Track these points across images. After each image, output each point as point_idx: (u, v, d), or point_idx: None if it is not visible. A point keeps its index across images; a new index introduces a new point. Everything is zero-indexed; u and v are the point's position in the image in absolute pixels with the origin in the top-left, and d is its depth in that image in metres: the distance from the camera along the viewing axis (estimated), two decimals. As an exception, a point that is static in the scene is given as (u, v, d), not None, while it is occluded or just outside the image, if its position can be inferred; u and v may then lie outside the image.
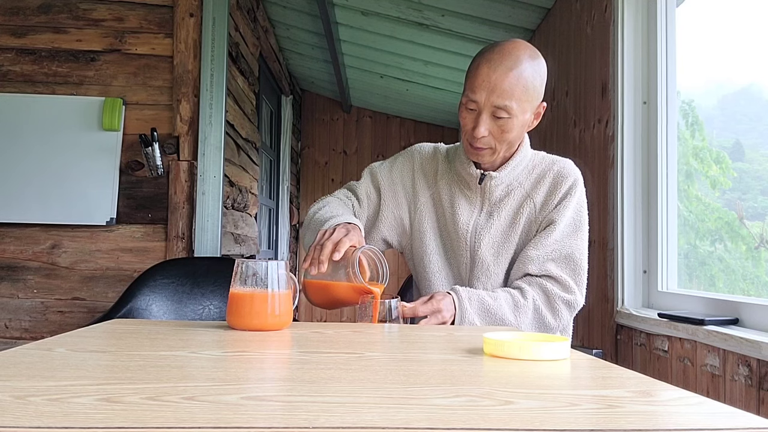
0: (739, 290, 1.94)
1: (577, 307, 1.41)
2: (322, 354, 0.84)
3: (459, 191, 1.49)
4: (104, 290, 2.73)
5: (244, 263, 1.05)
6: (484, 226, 1.46)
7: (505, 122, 1.33)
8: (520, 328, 1.34)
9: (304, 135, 6.20)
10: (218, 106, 2.78)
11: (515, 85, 1.30)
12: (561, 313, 1.38)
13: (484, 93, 1.30)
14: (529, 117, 1.37)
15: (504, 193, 1.46)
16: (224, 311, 2.13)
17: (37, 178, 2.70)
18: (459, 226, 1.47)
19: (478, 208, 1.47)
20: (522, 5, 3.06)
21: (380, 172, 1.58)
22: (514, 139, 1.37)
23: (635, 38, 2.16)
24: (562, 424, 0.52)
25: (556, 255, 1.40)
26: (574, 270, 1.41)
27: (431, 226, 1.52)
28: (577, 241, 1.42)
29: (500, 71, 1.29)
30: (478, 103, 1.32)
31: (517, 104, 1.31)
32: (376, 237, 1.55)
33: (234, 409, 0.53)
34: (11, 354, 0.77)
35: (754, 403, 1.42)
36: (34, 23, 2.80)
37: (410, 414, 0.53)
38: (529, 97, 1.33)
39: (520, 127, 1.36)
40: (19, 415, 0.49)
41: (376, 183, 1.57)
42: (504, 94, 1.30)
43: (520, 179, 1.47)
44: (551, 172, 1.45)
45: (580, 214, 1.44)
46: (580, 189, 1.46)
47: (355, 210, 1.55)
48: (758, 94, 2.03)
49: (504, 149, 1.39)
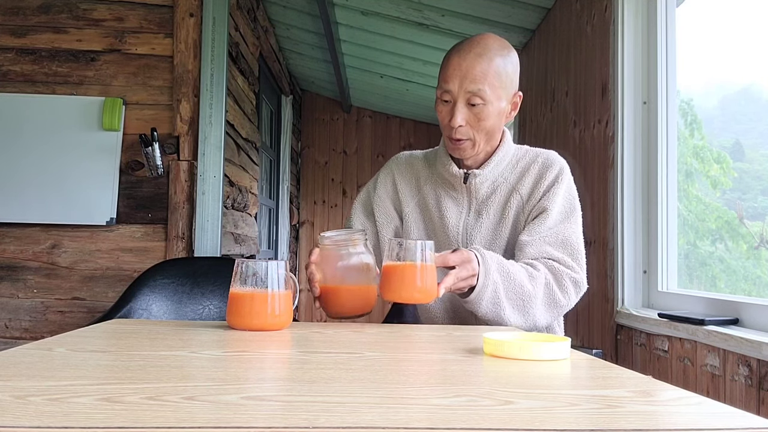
0: (741, 290, 1.94)
1: (582, 288, 1.39)
2: (322, 354, 0.84)
3: (445, 193, 1.49)
4: (104, 290, 2.73)
5: (244, 263, 1.05)
6: (473, 226, 1.45)
7: (480, 109, 1.34)
8: (536, 298, 1.32)
9: (304, 135, 6.20)
10: (218, 106, 2.78)
11: (486, 69, 1.32)
12: (569, 291, 1.36)
13: (456, 81, 1.33)
14: (505, 106, 1.38)
15: (490, 190, 1.45)
16: (224, 311, 2.13)
17: (37, 178, 2.70)
18: (449, 228, 1.47)
19: (466, 208, 1.47)
20: (522, 5, 3.06)
21: (366, 197, 1.60)
22: (491, 128, 1.38)
23: (635, 38, 2.16)
24: (562, 424, 0.52)
25: (552, 240, 1.38)
26: (573, 254, 1.39)
27: (420, 234, 1.52)
28: (573, 225, 1.41)
29: (470, 58, 1.33)
30: (452, 93, 1.34)
31: (491, 89, 1.33)
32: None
33: (234, 409, 0.53)
34: (11, 354, 0.77)
35: (754, 403, 1.42)
36: (34, 23, 2.80)
37: (410, 414, 0.53)
38: (502, 83, 1.35)
39: (496, 116, 1.36)
40: (19, 415, 0.49)
41: (368, 209, 1.58)
42: (476, 79, 1.32)
43: (505, 174, 1.46)
44: (536, 164, 1.45)
45: (570, 200, 1.43)
46: (568, 176, 1.45)
47: None
48: (758, 94, 2.03)
49: (483, 141, 1.39)
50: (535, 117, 3.29)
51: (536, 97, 3.26)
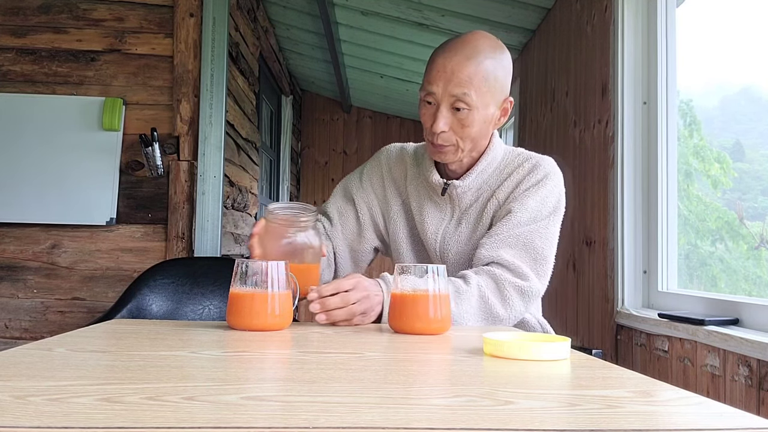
0: (741, 290, 1.94)
1: (532, 295, 1.28)
2: (322, 354, 0.84)
3: (428, 198, 1.41)
4: (104, 290, 2.73)
5: (244, 263, 1.05)
6: (452, 235, 1.38)
7: (465, 115, 1.25)
8: (462, 318, 1.21)
9: (304, 135, 6.20)
10: (218, 106, 2.78)
11: (474, 74, 1.23)
12: (512, 300, 1.25)
13: (441, 83, 1.24)
14: (494, 112, 1.29)
15: (474, 198, 1.38)
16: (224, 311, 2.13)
17: (37, 178, 2.70)
18: (428, 235, 1.39)
19: (448, 215, 1.39)
20: (522, 5, 3.06)
21: (351, 184, 1.51)
22: (477, 135, 1.29)
23: (635, 38, 2.16)
24: (562, 424, 0.52)
25: (513, 242, 1.28)
26: (534, 258, 1.29)
27: (405, 235, 1.44)
28: (541, 230, 1.30)
29: (456, 60, 1.23)
30: (435, 95, 1.25)
31: (477, 95, 1.23)
32: (367, 247, 1.49)
33: (234, 409, 0.53)
34: (11, 354, 0.77)
35: (754, 404, 1.42)
36: (34, 23, 2.80)
37: (410, 414, 0.53)
38: (490, 89, 1.25)
39: (482, 122, 1.28)
40: (19, 415, 0.49)
41: (349, 196, 1.50)
42: (462, 83, 1.23)
43: (489, 182, 1.37)
44: (521, 168, 1.35)
45: (547, 205, 1.32)
46: (552, 182, 1.34)
47: (327, 230, 1.47)
48: (758, 94, 2.03)
49: (468, 147, 1.30)
50: (535, 117, 3.29)
51: (536, 97, 3.26)
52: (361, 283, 1.15)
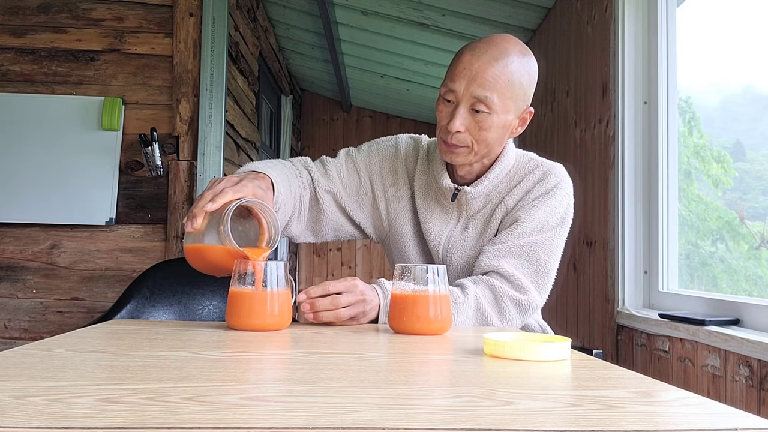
0: (742, 291, 1.94)
1: (530, 309, 1.26)
2: (322, 354, 0.84)
3: (434, 198, 1.37)
4: (103, 290, 2.73)
5: (243, 263, 1.05)
6: (458, 239, 1.35)
7: (484, 118, 1.21)
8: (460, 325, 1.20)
9: (304, 135, 6.19)
10: (218, 105, 2.78)
11: (499, 76, 1.19)
12: (509, 313, 1.24)
13: (464, 82, 1.20)
14: (513, 120, 1.26)
15: (483, 204, 1.35)
16: (224, 311, 2.13)
17: (37, 178, 2.70)
18: (432, 236, 1.36)
19: (455, 219, 1.36)
20: (522, 5, 3.06)
21: (359, 156, 1.42)
22: (493, 141, 1.25)
23: (636, 38, 2.16)
24: (563, 425, 0.52)
25: (516, 252, 1.26)
26: (536, 270, 1.27)
27: (410, 230, 1.39)
28: (546, 241, 1.28)
29: (484, 59, 1.20)
30: (456, 93, 1.21)
31: (499, 99, 1.20)
32: (351, 222, 1.41)
33: (234, 409, 0.53)
34: (11, 354, 0.77)
35: (754, 404, 1.42)
36: (34, 23, 2.80)
37: (410, 414, 0.53)
38: (513, 95, 1.22)
39: (500, 128, 1.24)
40: (19, 415, 0.49)
41: (353, 165, 1.41)
42: (486, 84, 1.19)
43: (499, 188, 1.34)
44: (532, 175, 1.33)
45: (555, 216, 1.30)
46: (562, 192, 1.31)
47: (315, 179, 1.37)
48: (759, 93, 2.02)
49: (482, 151, 1.26)
50: (535, 117, 3.28)
51: (537, 97, 3.25)
52: (357, 287, 1.13)
